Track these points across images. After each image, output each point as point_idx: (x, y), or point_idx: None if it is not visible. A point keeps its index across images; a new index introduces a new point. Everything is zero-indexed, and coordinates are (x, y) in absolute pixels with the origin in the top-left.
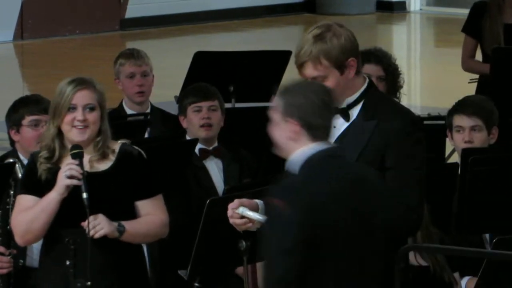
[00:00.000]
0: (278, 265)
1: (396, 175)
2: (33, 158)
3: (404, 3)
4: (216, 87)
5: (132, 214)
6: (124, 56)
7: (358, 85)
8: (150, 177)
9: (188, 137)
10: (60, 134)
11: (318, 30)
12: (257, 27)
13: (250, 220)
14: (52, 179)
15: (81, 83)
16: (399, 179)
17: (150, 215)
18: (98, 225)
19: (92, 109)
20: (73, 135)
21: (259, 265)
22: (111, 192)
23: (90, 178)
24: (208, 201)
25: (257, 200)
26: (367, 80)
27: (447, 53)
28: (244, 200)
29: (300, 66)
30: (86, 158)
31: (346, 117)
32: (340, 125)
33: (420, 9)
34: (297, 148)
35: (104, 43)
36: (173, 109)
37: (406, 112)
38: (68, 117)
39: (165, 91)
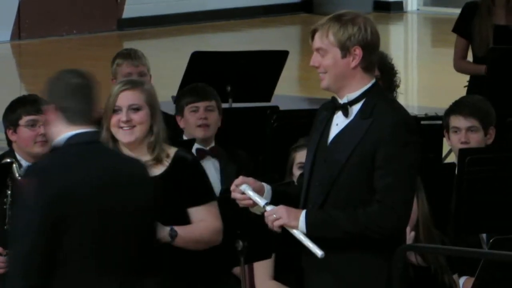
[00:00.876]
0: (22, 246)
1: (382, 175)
2: None
3: (401, 3)
4: (214, 87)
5: (185, 221)
6: (121, 56)
7: (363, 82)
8: (204, 184)
9: (185, 137)
10: (114, 138)
11: (342, 12)
12: (254, 27)
13: (251, 199)
14: None
15: (126, 83)
16: (384, 179)
17: (203, 221)
18: None
19: (137, 109)
20: (121, 136)
21: (256, 265)
22: (164, 198)
23: None
24: None
25: (264, 184)
26: (374, 80)
27: (444, 53)
28: (250, 179)
29: (312, 34)
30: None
31: (346, 113)
32: (341, 122)
33: (417, 9)
34: (58, 134)
35: (101, 43)
36: (170, 109)
37: (400, 113)
38: (114, 119)
39: (162, 91)
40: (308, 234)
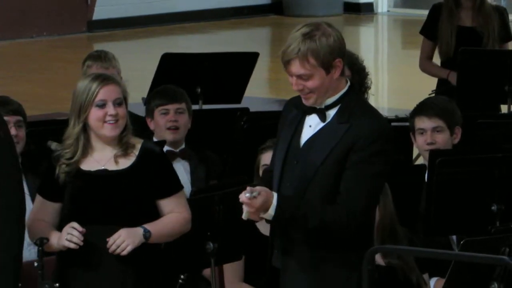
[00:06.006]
0: None
1: (348, 177)
2: (51, 160)
3: (372, 4)
4: (183, 89)
5: (154, 212)
6: (92, 58)
7: (340, 87)
8: (172, 174)
9: (155, 139)
10: (85, 132)
11: (307, 29)
12: (224, 28)
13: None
14: (70, 181)
15: (106, 78)
16: (349, 182)
17: (174, 213)
18: (123, 243)
19: (120, 103)
20: (106, 130)
21: (226, 267)
22: (133, 191)
23: (113, 177)
24: None
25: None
26: (348, 83)
27: (414, 54)
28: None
29: (287, 63)
30: (111, 154)
31: (323, 117)
32: (315, 125)
33: (388, 11)
34: None
35: (71, 45)
36: (140, 111)
37: (377, 120)
38: (99, 113)
39: (132, 92)
40: (276, 214)
